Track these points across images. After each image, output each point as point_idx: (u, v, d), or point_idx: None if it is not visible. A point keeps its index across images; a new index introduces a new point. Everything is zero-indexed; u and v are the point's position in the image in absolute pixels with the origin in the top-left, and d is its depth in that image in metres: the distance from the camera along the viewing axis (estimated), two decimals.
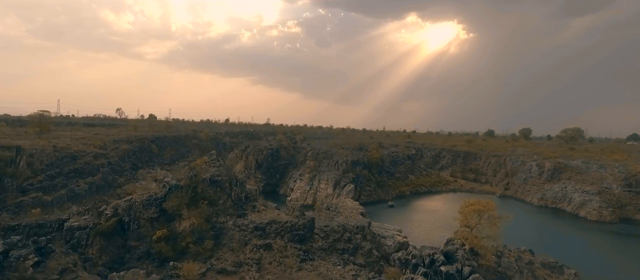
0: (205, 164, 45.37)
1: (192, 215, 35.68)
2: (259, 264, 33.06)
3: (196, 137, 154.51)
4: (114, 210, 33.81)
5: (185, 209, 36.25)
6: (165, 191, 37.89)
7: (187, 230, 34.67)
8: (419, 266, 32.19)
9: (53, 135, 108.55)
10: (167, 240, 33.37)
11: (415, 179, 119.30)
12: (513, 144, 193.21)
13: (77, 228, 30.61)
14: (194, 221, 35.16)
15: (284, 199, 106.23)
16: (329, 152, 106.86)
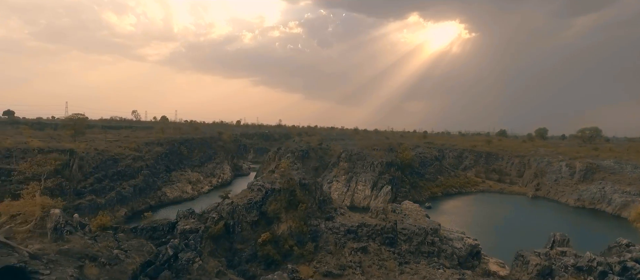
0: (288, 167, 46.00)
1: (289, 219, 36.33)
2: (360, 266, 33.66)
3: (221, 139, 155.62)
4: (218, 214, 34.51)
5: (283, 213, 36.91)
6: (262, 195, 38.53)
7: (286, 233, 35.30)
8: (608, 274, 31.87)
9: (87, 138, 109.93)
10: (270, 243, 34.05)
11: (444, 180, 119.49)
12: (534, 144, 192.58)
13: (189, 231, 31.33)
14: (291, 224, 35.81)
15: None
16: (361, 153, 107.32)
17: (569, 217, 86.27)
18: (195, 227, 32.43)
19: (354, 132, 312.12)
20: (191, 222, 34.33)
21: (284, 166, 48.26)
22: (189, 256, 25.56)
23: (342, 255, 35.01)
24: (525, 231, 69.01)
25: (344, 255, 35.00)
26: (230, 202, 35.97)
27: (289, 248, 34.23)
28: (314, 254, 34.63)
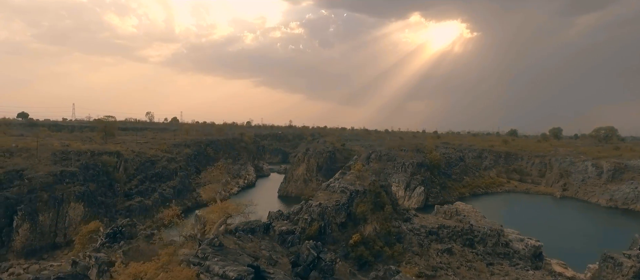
0: (363, 170, 46.79)
1: (374, 220, 37.14)
2: (449, 267, 34.50)
3: (243, 141, 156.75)
4: (309, 215, 35.43)
5: (370, 214, 37.73)
6: (347, 197, 39.38)
7: (373, 235, 36.14)
8: None
9: (118, 140, 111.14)
10: (362, 244, 34.90)
11: (470, 181, 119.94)
12: (551, 144, 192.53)
13: (286, 233, 32.20)
14: (376, 226, 36.64)
15: None
16: (389, 154, 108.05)
17: (605, 218, 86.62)
18: (291, 228, 33.32)
19: (366, 133, 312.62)
20: (284, 223, 35.22)
21: (358, 168, 49.11)
22: (330, 257, 26.42)
23: (430, 257, 35.83)
24: (567, 232, 69.37)
25: (432, 257, 35.83)
26: (319, 204, 36.84)
27: (380, 249, 35.06)
28: (402, 255, 35.48)
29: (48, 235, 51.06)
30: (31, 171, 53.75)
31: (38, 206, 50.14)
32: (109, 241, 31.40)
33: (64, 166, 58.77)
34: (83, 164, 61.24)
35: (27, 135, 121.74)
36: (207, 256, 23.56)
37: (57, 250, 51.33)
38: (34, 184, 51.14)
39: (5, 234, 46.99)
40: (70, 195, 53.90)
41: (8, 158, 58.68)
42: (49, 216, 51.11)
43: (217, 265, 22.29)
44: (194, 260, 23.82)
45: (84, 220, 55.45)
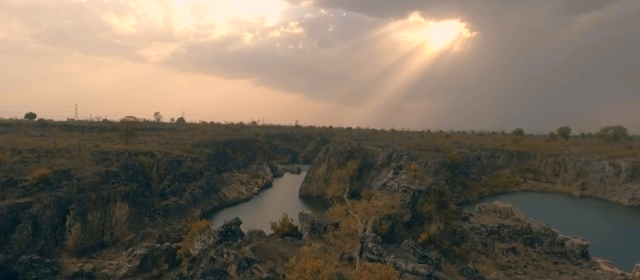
0: (420, 171, 47.40)
1: (438, 219, 37.73)
2: (517, 266, 35.11)
3: (258, 141, 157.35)
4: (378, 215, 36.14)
5: (435, 213, 38.30)
6: (410, 196, 40.01)
7: (437, 233, 36.74)
8: None
9: (139, 140, 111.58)
10: (430, 243, 35.52)
11: (488, 180, 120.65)
12: (562, 143, 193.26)
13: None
14: (440, 225, 37.23)
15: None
16: (410, 153, 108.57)
17: (631, 217, 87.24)
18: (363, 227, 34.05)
19: (373, 132, 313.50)
20: None
21: (414, 168, 49.76)
22: (436, 255, 27.15)
23: (496, 255, 36.47)
24: (601, 231, 69.71)
25: (498, 256, 36.46)
26: (384, 204, 37.42)
27: (448, 248, 35.68)
28: (468, 253, 36.09)
29: (96, 235, 51.63)
30: (77, 171, 54.32)
31: (87, 206, 50.71)
32: (221, 239, 31.56)
33: (106, 166, 59.32)
34: (123, 164, 61.79)
35: (47, 136, 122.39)
36: (381, 253, 23.86)
37: (105, 250, 51.87)
38: (82, 184, 51.72)
39: (58, 233, 47.58)
40: (116, 195, 54.50)
41: (51, 158, 59.28)
42: (97, 216, 51.70)
43: (402, 262, 22.61)
44: (372, 257, 24.05)
45: (129, 220, 56.16)
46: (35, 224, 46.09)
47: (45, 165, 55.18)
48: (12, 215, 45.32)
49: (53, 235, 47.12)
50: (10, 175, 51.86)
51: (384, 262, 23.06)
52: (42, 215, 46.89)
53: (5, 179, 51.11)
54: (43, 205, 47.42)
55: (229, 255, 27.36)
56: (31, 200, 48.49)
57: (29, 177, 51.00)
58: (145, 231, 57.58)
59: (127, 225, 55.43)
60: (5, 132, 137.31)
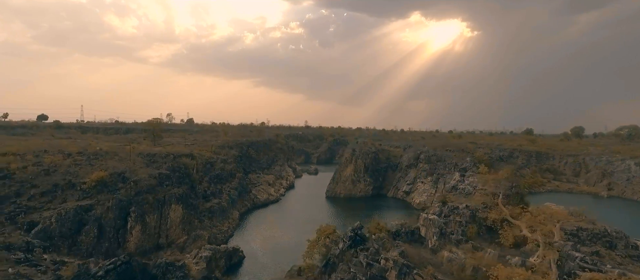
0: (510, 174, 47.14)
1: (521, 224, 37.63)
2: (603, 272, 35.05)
3: (278, 142, 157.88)
4: (461, 217, 36.29)
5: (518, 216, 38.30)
6: (490, 199, 40.23)
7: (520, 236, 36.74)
8: None
9: (166, 142, 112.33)
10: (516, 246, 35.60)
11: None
12: (580, 143, 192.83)
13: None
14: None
15: (392, 201, 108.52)
16: (437, 154, 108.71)
17: None
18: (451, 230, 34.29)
19: (384, 133, 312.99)
20: None
21: (485, 170, 50.03)
22: None
23: None
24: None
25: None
26: (465, 206, 37.64)
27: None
28: None
29: (153, 237, 52.17)
30: (131, 174, 54.88)
31: (145, 208, 51.25)
32: (350, 244, 31.39)
33: (155, 169, 59.87)
34: (170, 167, 62.33)
35: (75, 138, 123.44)
36: (595, 262, 23.45)
37: (161, 251, 52.35)
38: (139, 186, 52.27)
39: (121, 235, 48.13)
40: (171, 197, 55.03)
41: (102, 161, 59.92)
42: (154, 218, 52.24)
43: None
44: (587, 266, 23.93)
45: (182, 222, 56.67)
46: (99, 226, 46.64)
47: (98, 168, 55.81)
48: (78, 218, 45.88)
49: (116, 237, 47.68)
50: (68, 178, 52.50)
51: (603, 271, 23.32)
52: (105, 217, 47.46)
53: (64, 182, 51.76)
54: (105, 208, 47.97)
55: (387, 260, 27.27)
56: (92, 202, 49.03)
57: (87, 179, 51.59)
58: (196, 233, 58.10)
59: (181, 227, 55.95)
60: (24, 134, 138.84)
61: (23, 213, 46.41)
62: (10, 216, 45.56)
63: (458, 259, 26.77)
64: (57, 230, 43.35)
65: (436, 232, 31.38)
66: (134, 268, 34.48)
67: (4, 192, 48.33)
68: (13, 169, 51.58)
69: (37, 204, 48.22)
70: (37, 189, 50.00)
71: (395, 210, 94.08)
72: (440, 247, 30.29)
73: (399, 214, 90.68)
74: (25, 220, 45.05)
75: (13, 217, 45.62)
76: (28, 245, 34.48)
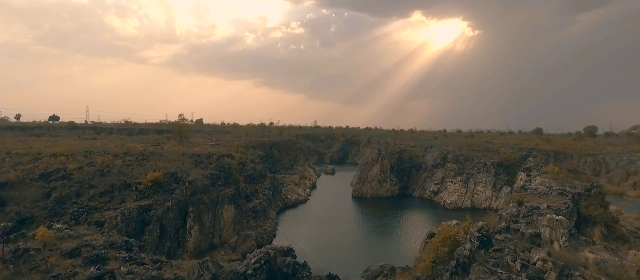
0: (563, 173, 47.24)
1: (599, 223, 37.65)
2: None
3: (298, 143, 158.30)
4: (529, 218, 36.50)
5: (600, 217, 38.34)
6: (570, 199, 40.16)
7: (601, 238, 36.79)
8: None
9: (192, 143, 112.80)
10: None
11: None
12: (596, 142, 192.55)
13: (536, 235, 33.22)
14: (602, 229, 37.15)
15: (419, 200, 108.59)
16: (464, 154, 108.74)
17: None
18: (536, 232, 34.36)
19: (394, 133, 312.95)
20: None
21: (551, 169, 50.13)
22: None
23: None
24: None
25: None
26: (547, 207, 37.75)
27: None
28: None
29: (208, 237, 52.55)
30: (183, 174, 55.27)
31: (201, 208, 51.62)
32: (480, 245, 30.86)
33: (203, 169, 60.23)
34: (217, 167, 62.70)
35: (100, 138, 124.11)
36: None
37: (214, 251, 52.72)
38: (194, 187, 52.65)
39: (180, 235, 48.51)
40: (224, 197, 55.39)
41: (150, 161, 60.36)
42: (209, 218, 52.60)
43: None
44: None
45: (233, 222, 57.03)
46: (161, 225, 47.04)
47: (149, 169, 56.25)
48: (141, 218, 46.29)
49: (176, 236, 48.06)
50: (123, 179, 52.94)
51: None
52: (165, 217, 47.84)
53: (120, 182, 52.21)
54: (165, 208, 48.35)
55: (545, 261, 26.86)
56: (150, 202, 49.42)
57: (142, 180, 52.00)
58: (245, 233, 58.49)
59: (232, 227, 56.31)
60: (42, 135, 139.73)
61: (85, 213, 46.93)
62: (74, 216, 46.08)
63: (611, 260, 26.72)
64: (124, 230, 43.74)
65: (565, 233, 31.33)
66: (275, 267, 34.80)
67: (65, 192, 48.86)
68: (71, 170, 52.06)
69: (97, 204, 48.71)
70: (96, 190, 50.48)
71: (425, 210, 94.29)
72: (573, 248, 30.20)
73: (428, 214, 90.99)
74: (88, 219, 45.54)
75: (77, 216, 46.14)
76: (127, 244, 34.82)
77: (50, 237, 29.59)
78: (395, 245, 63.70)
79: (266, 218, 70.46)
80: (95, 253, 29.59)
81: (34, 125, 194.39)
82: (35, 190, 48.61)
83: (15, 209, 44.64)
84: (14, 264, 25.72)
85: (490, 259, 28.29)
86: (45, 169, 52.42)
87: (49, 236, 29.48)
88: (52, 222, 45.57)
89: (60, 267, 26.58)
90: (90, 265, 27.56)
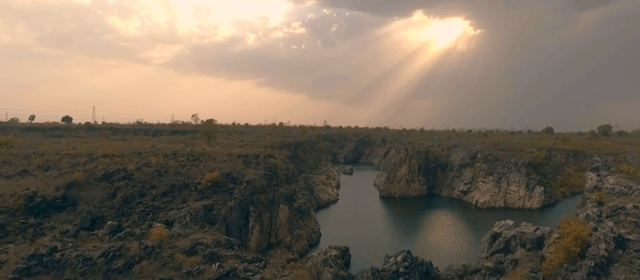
0: None
1: None
2: None
3: (319, 143, 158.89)
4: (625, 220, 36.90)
5: None
6: None
7: None
8: None
9: (219, 143, 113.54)
10: None
11: (563, 180, 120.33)
12: (615, 141, 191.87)
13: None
14: None
15: (448, 200, 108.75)
16: (492, 154, 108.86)
17: None
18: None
19: (406, 133, 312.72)
20: None
21: (625, 168, 50.46)
22: None
23: None
24: None
25: None
26: (634, 207, 38.02)
27: None
28: None
29: (266, 236, 53.12)
30: (238, 174, 55.87)
31: (259, 208, 52.21)
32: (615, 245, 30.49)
33: (253, 169, 60.80)
34: (265, 167, 63.23)
35: (128, 139, 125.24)
36: None
37: (271, 250, 53.27)
38: (253, 187, 53.23)
39: (243, 234, 49.12)
40: (280, 197, 55.97)
41: (203, 161, 61.04)
42: (267, 217, 53.19)
43: None
44: None
45: (288, 221, 57.58)
46: (226, 225, 47.64)
47: (204, 169, 56.93)
48: (207, 217, 46.90)
49: (239, 236, 48.64)
50: (182, 179, 53.62)
51: None
52: (229, 216, 48.45)
53: (179, 183, 52.89)
54: (229, 208, 48.96)
55: None
56: (211, 202, 50.03)
57: (201, 180, 52.66)
58: (297, 232, 59.06)
59: (286, 226, 56.87)
60: (62, 136, 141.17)
61: (151, 213, 47.61)
62: (142, 215, 46.78)
63: None
64: None
65: None
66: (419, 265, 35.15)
67: (129, 193, 49.58)
68: (131, 170, 52.78)
69: (160, 204, 49.40)
70: (157, 190, 51.17)
71: (458, 210, 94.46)
72: None
73: (462, 213, 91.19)
74: (156, 219, 46.19)
75: (143, 216, 46.82)
76: (229, 243, 35.39)
77: (165, 235, 30.19)
78: (446, 245, 63.67)
79: (310, 218, 71.02)
80: (210, 251, 30.18)
81: (52, 126, 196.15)
82: (101, 190, 49.35)
83: (86, 209, 45.39)
84: (147, 261, 26.40)
85: (635, 260, 28.48)
86: (105, 169, 53.16)
87: (164, 235, 30.08)
88: (120, 221, 46.39)
89: (186, 264, 27.19)
90: (209, 262, 28.20)
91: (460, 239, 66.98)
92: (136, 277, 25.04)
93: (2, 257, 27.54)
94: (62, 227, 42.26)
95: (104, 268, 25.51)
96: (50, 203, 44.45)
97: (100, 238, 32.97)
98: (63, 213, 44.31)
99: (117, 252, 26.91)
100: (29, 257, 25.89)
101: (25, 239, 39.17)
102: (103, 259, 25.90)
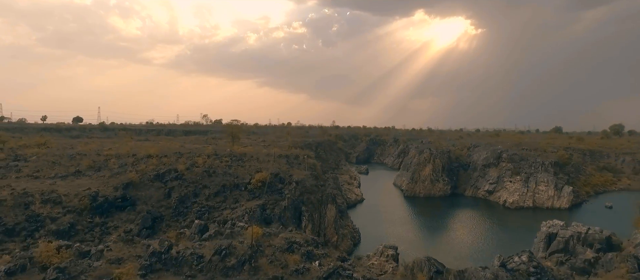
0: None
1: None
2: None
3: (336, 143, 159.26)
4: None
5: None
6: None
7: None
8: None
9: (244, 144, 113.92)
10: None
11: (586, 179, 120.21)
12: (630, 140, 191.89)
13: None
14: None
15: (472, 200, 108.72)
16: (518, 154, 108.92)
17: None
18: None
19: (418, 132, 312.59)
20: None
21: None
22: None
23: None
24: None
25: None
26: None
27: None
28: None
29: (316, 235, 53.36)
30: (285, 174, 56.20)
31: (310, 207, 52.53)
32: None
33: (296, 168, 61.13)
34: (306, 167, 63.55)
35: (154, 140, 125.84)
36: None
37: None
38: (303, 187, 53.57)
39: None
40: (328, 197, 56.29)
41: (247, 162, 61.43)
42: (317, 217, 53.50)
43: None
44: None
45: (335, 220, 57.88)
46: (281, 224, 47.95)
47: (250, 169, 57.33)
48: (263, 217, 47.25)
49: None
50: (232, 180, 54.03)
51: None
52: (283, 216, 48.77)
53: (230, 183, 53.30)
54: (282, 207, 49.31)
55: None
56: (263, 202, 50.38)
57: (251, 180, 53.05)
58: (341, 232, 59.35)
59: (333, 226, 57.18)
60: (78, 137, 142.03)
61: (207, 212, 48.04)
62: (198, 215, 47.19)
63: None
64: None
65: None
66: None
67: (183, 193, 50.04)
68: (181, 171, 53.22)
69: (214, 204, 49.85)
70: (209, 190, 51.62)
71: (485, 210, 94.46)
72: None
73: (491, 213, 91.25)
74: (212, 218, 46.60)
75: (200, 215, 47.24)
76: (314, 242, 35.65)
77: (260, 234, 30.53)
78: (491, 246, 63.48)
79: (347, 217, 71.29)
80: (305, 250, 30.49)
81: (68, 126, 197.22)
82: (156, 190, 49.81)
83: (145, 208, 45.84)
84: (255, 259, 26.71)
85: None
86: (156, 170, 53.61)
87: (259, 233, 30.41)
88: (178, 221, 46.90)
89: (291, 262, 27.52)
90: (308, 261, 28.53)
91: (505, 239, 66.85)
92: (250, 274, 25.37)
93: (119, 254, 27.61)
94: (125, 226, 42.82)
95: (220, 265, 25.91)
96: (112, 203, 44.96)
97: (190, 237, 33.37)
98: (124, 213, 44.84)
99: (226, 250, 27.24)
100: (150, 255, 26.34)
101: (93, 237, 39.71)
102: (217, 257, 26.29)
